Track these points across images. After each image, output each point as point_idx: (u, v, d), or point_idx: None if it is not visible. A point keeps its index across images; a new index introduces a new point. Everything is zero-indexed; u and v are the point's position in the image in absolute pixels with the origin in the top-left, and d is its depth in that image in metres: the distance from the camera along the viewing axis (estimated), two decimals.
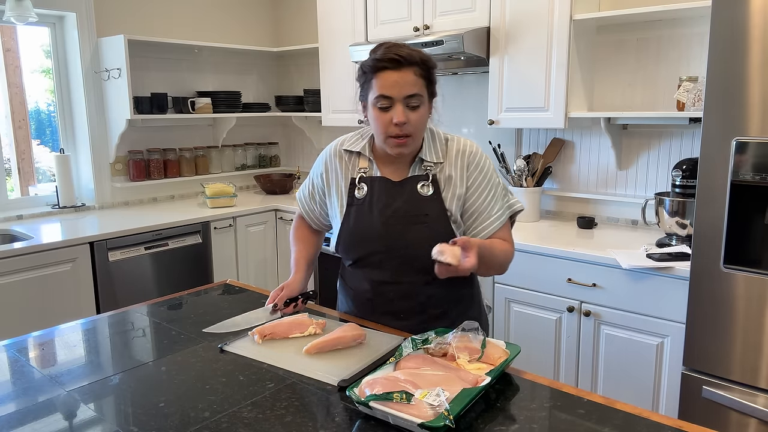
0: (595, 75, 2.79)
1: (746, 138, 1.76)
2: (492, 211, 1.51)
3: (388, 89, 1.39)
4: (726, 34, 1.76)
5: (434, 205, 1.48)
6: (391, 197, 1.50)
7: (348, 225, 1.54)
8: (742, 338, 1.85)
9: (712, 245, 1.87)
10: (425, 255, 1.41)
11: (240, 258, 3.38)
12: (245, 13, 4.03)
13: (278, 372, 1.27)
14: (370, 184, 1.53)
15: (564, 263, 2.37)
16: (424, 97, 1.43)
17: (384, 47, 1.42)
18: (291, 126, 4.22)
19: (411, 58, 1.39)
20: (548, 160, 2.92)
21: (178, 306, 1.72)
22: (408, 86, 1.39)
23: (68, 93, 3.34)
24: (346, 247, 1.56)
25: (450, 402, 1.04)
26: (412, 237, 1.47)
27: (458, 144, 1.54)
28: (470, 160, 1.52)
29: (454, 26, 2.83)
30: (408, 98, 1.39)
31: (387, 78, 1.38)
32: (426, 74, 1.42)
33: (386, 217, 1.49)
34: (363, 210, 1.52)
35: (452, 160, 1.52)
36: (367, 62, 1.43)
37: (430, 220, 1.48)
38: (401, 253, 1.49)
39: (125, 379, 1.25)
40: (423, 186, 1.49)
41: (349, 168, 1.57)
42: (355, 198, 1.53)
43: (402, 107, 1.39)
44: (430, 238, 1.42)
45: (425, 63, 1.42)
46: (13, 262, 2.47)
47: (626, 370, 2.27)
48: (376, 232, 1.49)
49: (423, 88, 1.42)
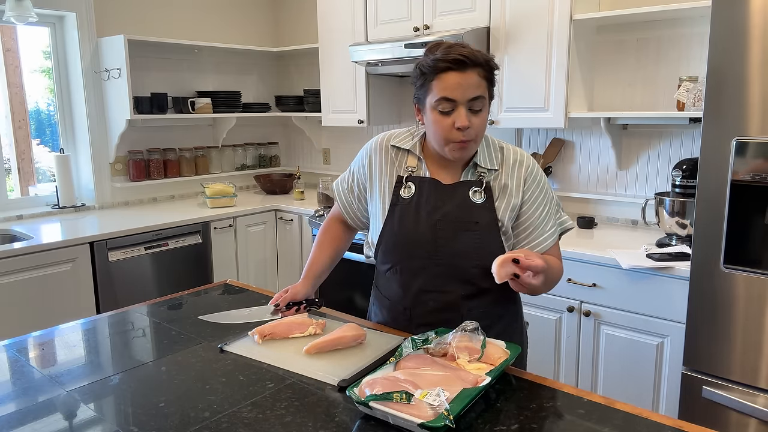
0: (595, 75, 2.79)
1: (746, 138, 1.76)
2: (546, 227, 1.45)
3: (451, 92, 1.31)
4: (726, 34, 1.76)
5: (485, 213, 1.40)
6: (440, 200, 1.42)
7: (392, 225, 1.45)
8: (742, 338, 1.84)
9: (712, 245, 1.87)
10: (471, 265, 1.38)
11: (240, 258, 3.38)
12: (245, 13, 4.04)
13: (278, 372, 1.27)
14: (419, 184, 1.44)
15: (564, 263, 2.36)
16: (486, 100, 1.36)
17: (444, 47, 1.33)
18: (291, 126, 4.22)
19: (475, 59, 1.31)
20: (548, 160, 2.92)
21: (178, 306, 1.72)
22: (472, 89, 1.31)
23: (68, 93, 3.34)
24: (387, 249, 1.47)
25: (450, 402, 1.04)
26: (459, 244, 1.39)
27: (515, 154, 1.46)
28: (528, 173, 1.44)
29: (454, 26, 2.83)
30: (471, 101, 1.32)
31: (450, 80, 1.30)
32: (489, 75, 1.35)
33: (434, 221, 1.40)
34: (409, 211, 1.43)
35: (509, 169, 1.44)
36: (426, 62, 1.34)
37: (480, 228, 1.39)
38: (446, 261, 1.40)
39: (125, 379, 1.25)
40: (475, 192, 1.41)
41: (396, 165, 1.49)
42: (401, 197, 1.44)
43: (465, 111, 1.32)
44: (478, 248, 1.38)
45: (488, 63, 1.34)
46: (13, 262, 2.47)
47: (626, 370, 2.27)
48: (422, 235, 1.41)
49: (486, 90, 1.35)
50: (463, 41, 2.61)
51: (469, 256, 1.39)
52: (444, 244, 1.40)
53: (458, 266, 1.40)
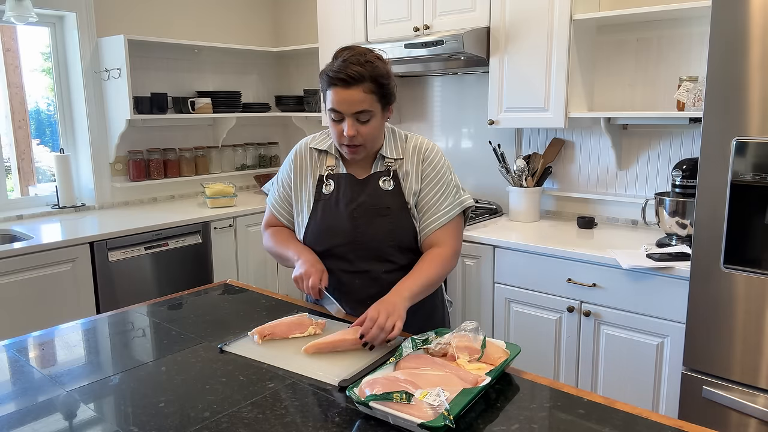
0: (595, 75, 2.79)
1: (746, 138, 1.76)
2: (441, 207, 1.59)
3: (338, 105, 1.47)
4: (726, 34, 1.76)
5: (395, 198, 1.58)
6: (356, 192, 1.59)
7: (315, 219, 1.62)
8: (742, 338, 1.85)
9: (712, 245, 1.87)
10: (387, 246, 1.58)
11: (240, 258, 3.38)
12: (245, 13, 4.03)
13: (278, 372, 1.27)
14: (337, 180, 1.61)
15: (564, 263, 2.37)
16: (374, 111, 1.49)
17: (342, 57, 1.47)
18: (291, 126, 4.22)
19: (359, 77, 1.44)
20: (548, 160, 2.92)
21: (178, 306, 1.72)
22: (356, 104, 1.46)
23: (68, 93, 3.34)
24: (314, 240, 1.63)
25: (450, 402, 1.04)
26: (375, 229, 1.57)
27: (415, 141, 1.64)
28: (425, 156, 1.61)
29: (454, 26, 2.83)
30: (357, 114, 1.47)
31: (337, 95, 1.46)
32: (378, 89, 1.47)
33: (351, 211, 1.57)
34: (330, 205, 1.60)
35: (409, 156, 1.61)
36: (324, 73, 1.49)
37: (392, 212, 1.57)
38: (365, 246, 1.58)
39: (125, 379, 1.25)
40: (384, 181, 1.59)
41: (317, 165, 1.66)
42: (323, 194, 1.62)
43: (352, 121, 1.48)
44: (391, 230, 1.57)
45: (375, 79, 1.46)
46: (13, 262, 2.47)
47: (626, 370, 2.27)
48: (342, 225, 1.58)
49: (374, 102, 1.48)
50: (463, 41, 2.63)
51: (385, 238, 1.57)
52: (362, 230, 1.57)
53: (376, 248, 1.58)
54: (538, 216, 2.92)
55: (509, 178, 2.95)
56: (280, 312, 1.63)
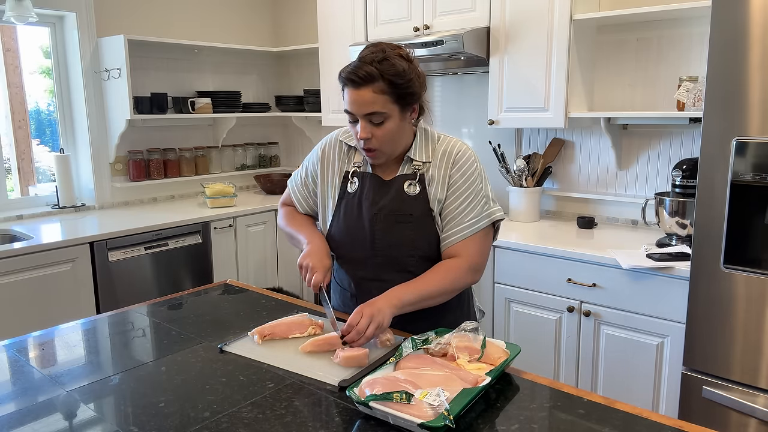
0: (595, 75, 2.79)
1: (746, 138, 1.76)
2: (465, 218, 1.47)
3: (350, 106, 1.41)
4: (726, 34, 1.76)
5: (419, 204, 1.48)
6: (378, 195, 1.50)
7: (338, 219, 1.55)
8: (742, 338, 1.84)
9: (712, 245, 1.87)
10: (407, 255, 1.48)
11: (240, 258, 3.38)
12: (245, 13, 4.03)
13: (278, 372, 1.27)
14: (362, 179, 1.53)
15: (564, 263, 2.37)
16: (388, 113, 1.40)
17: (361, 55, 1.41)
18: (291, 126, 4.22)
19: (369, 77, 1.36)
20: (548, 160, 2.92)
21: (178, 306, 1.72)
22: (366, 105, 1.38)
23: (68, 93, 3.34)
24: (335, 241, 1.56)
25: (450, 402, 1.04)
26: (395, 236, 1.48)
27: (446, 144, 1.52)
28: (455, 160, 1.49)
29: (454, 26, 2.83)
30: (369, 115, 1.40)
31: (349, 95, 1.40)
32: (392, 89, 1.38)
33: (372, 215, 1.49)
34: (353, 205, 1.52)
35: (437, 160, 1.50)
36: (340, 72, 1.43)
37: (415, 219, 1.47)
38: (384, 252, 1.49)
39: (125, 379, 1.25)
40: (410, 185, 1.49)
41: (345, 160, 1.58)
42: (347, 192, 1.54)
43: (365, 123, 1.41)
44: (414, 239, 1.47)
45: (388, 79, 1.37)
46: (13, 262, 2.47)
47: (626, 370, 2.27)
48: (362, 229, 1.50)
49: (388, 103, 1.39)
50: (463, 41, 2.63)
51: (405, 247, 1.47)
52: (381, 237, 1.48)
53: (395, 257, 1.49)
54: (538, 216, 2.92)
55: (509, 178, 2.95)
56: (280, 312, 1.63)
